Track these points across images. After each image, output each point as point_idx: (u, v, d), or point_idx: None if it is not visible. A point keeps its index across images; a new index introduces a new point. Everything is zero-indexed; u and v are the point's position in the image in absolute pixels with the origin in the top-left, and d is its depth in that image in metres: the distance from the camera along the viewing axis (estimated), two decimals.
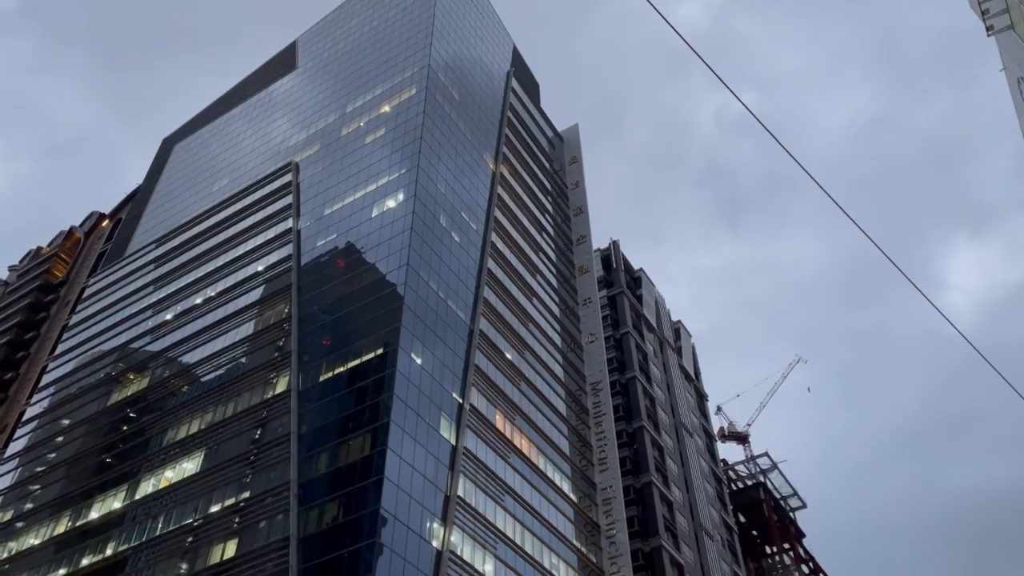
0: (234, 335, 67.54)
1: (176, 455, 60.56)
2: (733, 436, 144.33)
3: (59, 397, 79.09)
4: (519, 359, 70.31)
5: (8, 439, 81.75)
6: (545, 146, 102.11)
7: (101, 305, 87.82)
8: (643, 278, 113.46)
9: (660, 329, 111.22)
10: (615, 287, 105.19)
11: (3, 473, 75.02)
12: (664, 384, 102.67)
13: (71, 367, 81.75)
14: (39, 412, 79.25)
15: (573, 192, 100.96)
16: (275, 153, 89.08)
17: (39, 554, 62.30)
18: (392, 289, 59.42)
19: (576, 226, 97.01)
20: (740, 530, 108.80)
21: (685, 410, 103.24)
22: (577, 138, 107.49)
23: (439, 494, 51.99)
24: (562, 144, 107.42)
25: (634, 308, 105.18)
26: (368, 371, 54.92)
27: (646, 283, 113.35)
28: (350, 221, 69.02)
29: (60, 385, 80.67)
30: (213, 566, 50.14)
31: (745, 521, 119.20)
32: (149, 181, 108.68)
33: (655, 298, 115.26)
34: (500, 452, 60.58)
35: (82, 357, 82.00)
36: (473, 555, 52.09)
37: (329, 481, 50.03)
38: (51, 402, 79.37)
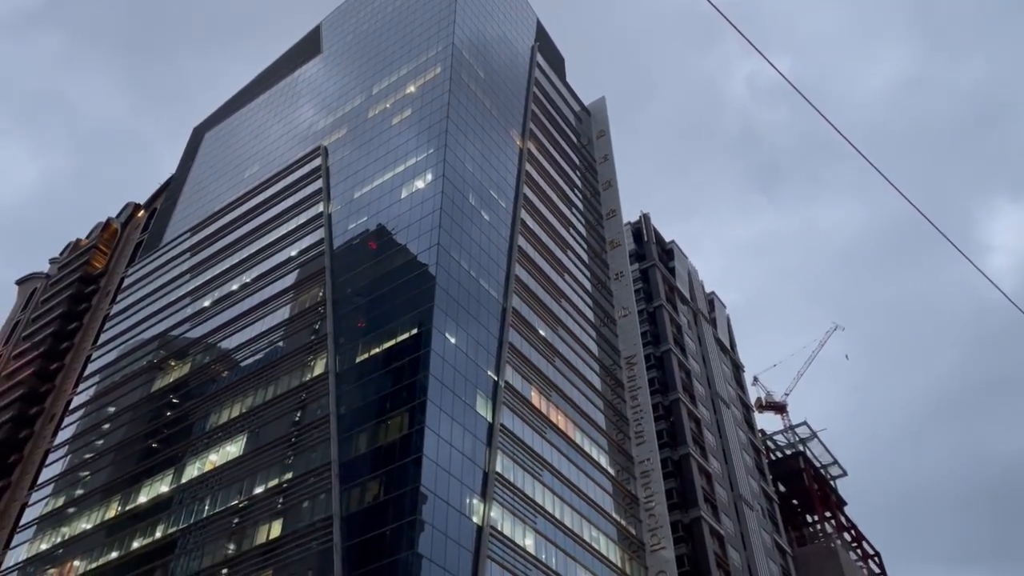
0: (271, 320, 68.47)
1: (219, 439, 61.80)
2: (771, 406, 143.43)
3: (104, 385, 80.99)
4: (552, 335, 70.41)
5: (57, 427, 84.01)
6: (572, 120, 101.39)
7: (140, 294, 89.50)
8: (675, 250, 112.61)
9: (694, 301, 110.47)
10: (647, 260, 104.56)
11: (54, 461, 77.23)
12: (699, 356, 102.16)
13: (114, 356, 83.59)
14: (85, 400, 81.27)
15: (602, 166, 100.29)
16: (304, 138, 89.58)
17: (91, 538, 64.17)
18: (424, 269, 59.72)
19: (606, 200, 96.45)
20: (780, 500, 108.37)
21: (721, 381, 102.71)
22: (604, 111, 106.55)
23: (477, 470, 52.48)
24: (589, 118, 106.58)
25: (667, 281, 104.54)
26: (403, 351, 55.41)
27: (678, 255, 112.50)
28: (380, 203, 69.33)
29: (104, 374, 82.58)
30: (260, 546, 51.26)
31: (785, 491, 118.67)
32: (181, 170, 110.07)
33: (688, 270, 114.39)
34: (536, 428, 60.90)
35: (124, 346, 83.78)
36: (513, 530, 52.60)
37: (369, 460, 50.74)
38: (96, 390, 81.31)
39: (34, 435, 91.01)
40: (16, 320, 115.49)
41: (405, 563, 44.11)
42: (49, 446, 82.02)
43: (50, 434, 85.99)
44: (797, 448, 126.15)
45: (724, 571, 75.81)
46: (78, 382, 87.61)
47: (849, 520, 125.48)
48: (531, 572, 52.08)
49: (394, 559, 44.54)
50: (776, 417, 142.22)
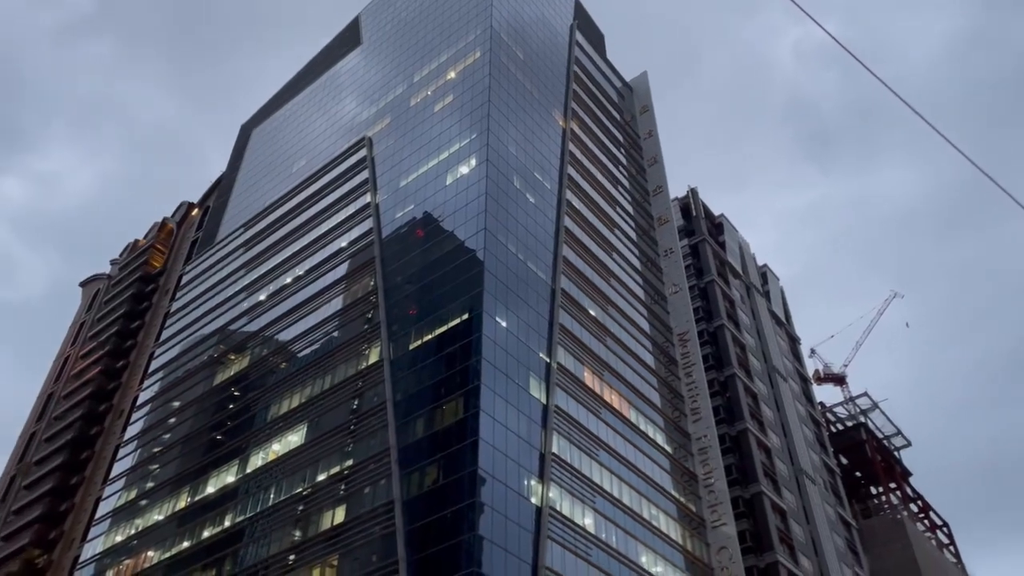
0: (325, 311, 69.60)
1: (281, 429, 63.22)
2: (829, 378, 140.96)
3: (168, 381, 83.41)
4: (603, 315, 70.15)
5: (125, 423, 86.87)
6: (614, 97, 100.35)
7: (198, 291, 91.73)
8: (725, 224, 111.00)
9: (746, 275, 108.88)
10: (696, 235, 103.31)
11: (124, 455, 79.95)
12: (754, 330, 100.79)
13: (176, 352, 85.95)
14: (151, 396, 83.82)
15: (646, 142, 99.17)
16: (348, 130, 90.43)
17: (163, 529, 66.38)
18: (472, 255, 59.96)
19: (652, 176, 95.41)
20: (843, 472, 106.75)
21: (777, 355, 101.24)
22: (647, 86, 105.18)
23: (534, 452, 52.75)
24: (631, 94, 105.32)
25: (717, 255, 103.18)
26: (455, 337, 55.83)
27: (728, 229, 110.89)
28: (426, 191, 69.72)
29: (168, 369, 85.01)
30: (325, 531, 52.43)
31: (847, 463, 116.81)
32: (231, 168, 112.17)
33: (739, 243, 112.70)
34: (591, 408, 60.89)
35: (185, 342, 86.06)
36: (572, 510, 52.82)
37: (427, 445, 51.40)
38: (161, 386, 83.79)
39: (104, 431, 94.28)
40: (82, 321, 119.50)
41: (467, 545, 44.68)
42: (119, 441, 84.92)
43: (119, 430, 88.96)
44: (858, 419, 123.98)
45: (787, 546, 75.07)
46: (143, 379, 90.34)
47: (915, 491, 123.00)
48: (592, 551, 52.29)
49: (456, 541, 45.15)
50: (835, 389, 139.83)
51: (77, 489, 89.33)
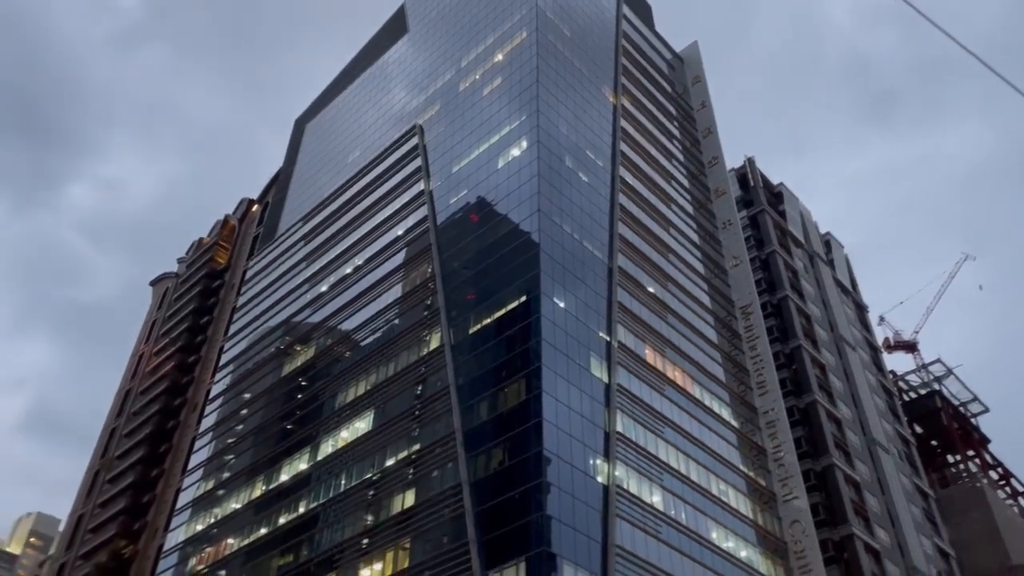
0: (385, 299, 70.54)
1: (348, 416, 64.49)
2: (900, 345, 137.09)
3: (238, 373, 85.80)
4: (662, 291, 69.44)
5: (200, 416, 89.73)
6: (665, 70, 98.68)
7: (263, 285, 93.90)
8: (784, 192, 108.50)
9: (808, 243, 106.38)
10: (755, 206, 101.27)
11: (200, 447, 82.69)
12: (819, 300, 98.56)
13: (244, 345, 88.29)
14: (223, 389, 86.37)
15: (699, 113, 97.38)
16: (399, 119, 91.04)
17: (241, 517, 68.55)
18: (527, 237, 59.92)
19: (707, 148, 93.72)
20: (918, 441, 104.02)
21: (844, 324, 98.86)
22: (698, 57, 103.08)
23: (598, 431, 52.71)
24: (682, 65, 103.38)
25: (778, 225, 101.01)
26: (514, 319, 55.99)
27: (788, 197, 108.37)
28: (478, 175, 69.85)
29: (238, 362, 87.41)
30: (396, 515, 53.43)
31: (922, 432, 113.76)
32: (288, 163, 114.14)
33: (799, 212, 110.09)
34: (654, 385, 60.48)
35: (253, 335, 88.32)
36: (640, 487, 52.69)
37: (491, 428, 51.82)
38: (232, 379, 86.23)
39: (180, 424, 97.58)
40: (154, 319, 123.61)
41: (536, 525, 45.00)
42: (195, 434, 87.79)
43: (194, 422, 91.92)
44: (932, 387, 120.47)
45: (863, 518, 73.60)
46: (215, 372, 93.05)
47: (995, 458, 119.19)
48: (661, 528, 52.13)
49: (525, 521, 45.52)
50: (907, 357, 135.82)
51: (157, 481, 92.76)
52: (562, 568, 44.03)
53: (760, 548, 60.17)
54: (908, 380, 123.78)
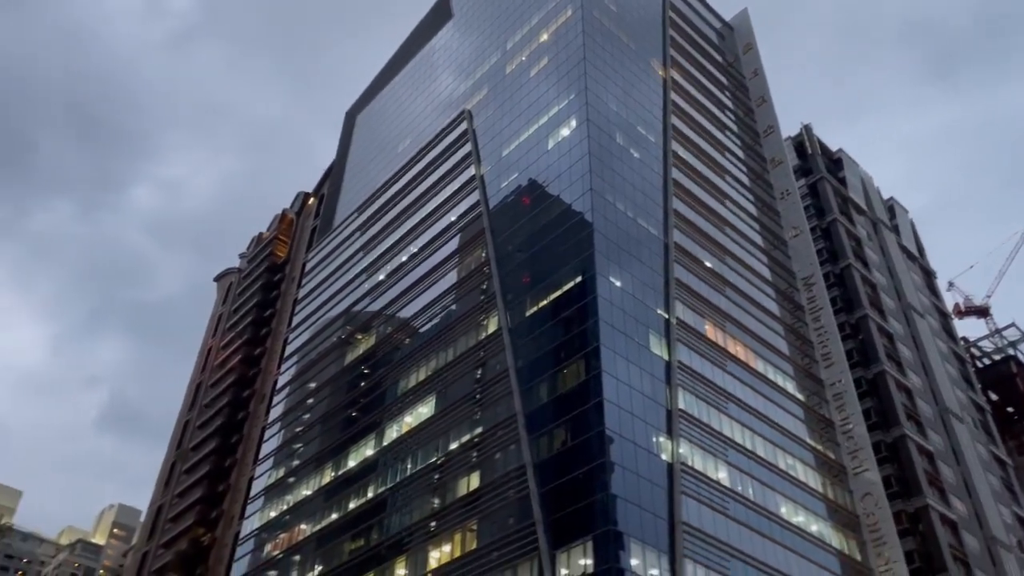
0: (441, 285, 71.11)
1: (411, 402, 65.40)
2: (971, 311, 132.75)
3: (302, 364, 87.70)
4: (720, 265, 68.41)
5: (268, 406, 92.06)
6: (714, 39, 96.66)
7: (322, 276, 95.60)
8: (844, 159, 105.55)
9: (871, 210, 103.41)
10: (813, 174, 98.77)
11: (270, 437, 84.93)
12: (884, 267, 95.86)
13: (307, 336, 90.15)
14: (288, 379, 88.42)
15: (752, 82, 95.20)
16: (447, 105, 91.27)
17: (312, 503, 70.27)
18: (580, 217, 59.60)
19: (761, 117, 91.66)
20: (993, 408, 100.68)
21: (911, 291, 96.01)
22: (748, 24, 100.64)
23: (660, 409, 52.38)
24: (732, 34, 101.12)
25: (838, 192, 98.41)
26: (570, 300, 55.87)
27: (848, 163, 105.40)
28: (528, 157, 69.65)
29: (301, 353, 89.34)
30: (462, 498, 54.09)
31: (997, 399, 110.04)
32: (340, 155, 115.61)
33: (860, 178, 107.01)
34: (715, 361, 59.76)
35: (315, 326, 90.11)
36: (704, 464, 52.26)
37: (552, 409, 51.95)
38: (297, 369, 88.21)
39: (250, 415, 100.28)
40: (219, 314, 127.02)
41: (601, 504, 45.05)
42: (264, 423, 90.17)
43: (263, 413, 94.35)
44: (1006, 352, 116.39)
45: (937, 489, 71.72)
46: (280, 363, 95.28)
47: None
48: (728, 504, 51.67)
49: (590, 501, 45.61)
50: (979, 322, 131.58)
51: (231, 470, 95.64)
52: (629, 546, 44.06)
53: (831, 522, 59.18)
54: (981, 346, 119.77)
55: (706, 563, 47.22)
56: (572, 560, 44.71)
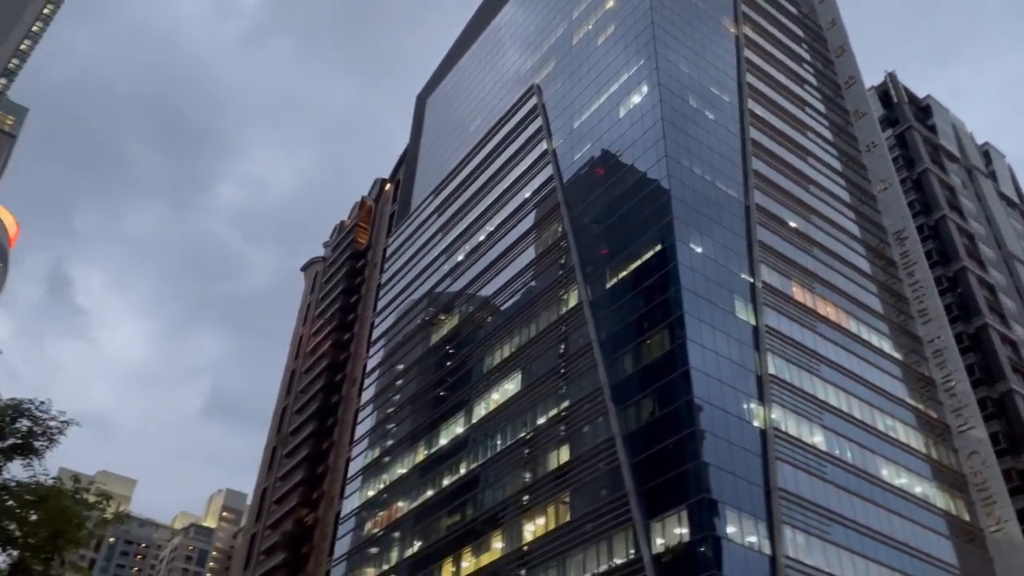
0: (520, 262, 71.34)
1: (497, 379, 66.11)
2: None
3: (390, 347, 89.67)
4: (806, 225, 66.37)
5: (360, 389, 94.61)
6: None
7: (402, 260, 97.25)
8: (933, 105, 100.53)
9: (965, 157, 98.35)
10: (900, 123, 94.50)
11: (363, 419, 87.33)
12: (982, 216, 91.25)
13: (393, 319, 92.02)
14: (377, 363, 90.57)
15: (830, 32, 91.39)
16: (516, 81, 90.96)
17: (408, 481, 72.08)
18: (656, 184, 58.69)
19: (841, 68, 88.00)
20: None
21: (1013, 239, 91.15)
22: None
23: (749, 375, 51.43)
24: None
25: (928, 141, 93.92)
26: (651, 270, 55.24)
27: (938, 110, 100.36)
28: (600, 128, 68.87)
29: (388, 336, 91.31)
30: (553, 471, 54.54)
31: None
32: (413, 139, 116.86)
33: (952, 124, 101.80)
34: (805, 323, 58.21)
35: (399, 309, 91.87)
36: (799, 429, 51.15)
37: (638, 380, 51.66)
38: (385, 352, 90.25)
39: (343, 399, 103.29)
40: (308, 302, 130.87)
41: (694, 472, 44.72)
42: (357, 406, 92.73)
43: (355, 396, 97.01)
44: None
45: None
46: (368, 347, 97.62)
47: None
48: (826, 468, 50.52)
49: (682, 470, 45.32)
50: None
51: (329, 453, 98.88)
52: (725, 514, 43.64)
53: (936, 482, 57.19)
54: None
55: (805, 528, 46.40)
56: (667, 529, 44.62)
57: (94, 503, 27.42)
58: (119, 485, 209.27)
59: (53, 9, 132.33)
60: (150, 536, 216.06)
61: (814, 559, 45.80)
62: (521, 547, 53.90)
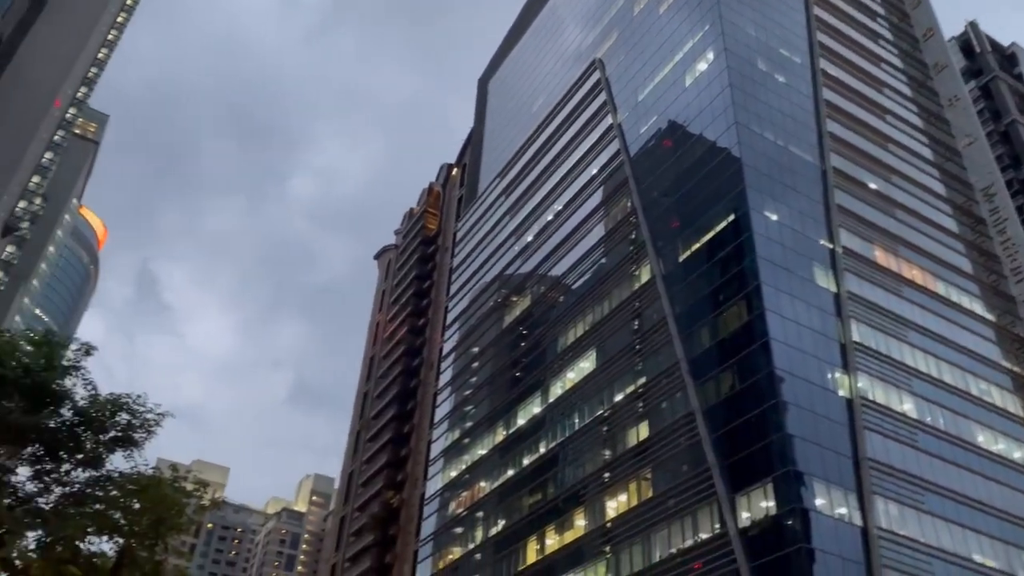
0: (589, 239, 70.87)
1: (572, 358, 66.04)
2: None
3: (464, 330, 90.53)
4: (886, 186, 63.94)
5: (437, 373, 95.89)
6: None
7: (472, 244, 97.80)
8: (1019, 53, 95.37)
9: None
10: (984, 74, 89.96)
11: (442, 402, 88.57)
12: None
13: (466, 303, 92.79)
14: (453, 346, 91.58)
15: None
16: (577, 57, 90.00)
17: (488, 462, 72.87)
18: (727, 153, 57.35)
19: (917, 20, 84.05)
20: None
21: None
22: None
23: (832, 344, 50.04)
24: None
25: (1015, 90, 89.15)
26: (724, 241, 54.14)
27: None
28: (666, 98, 67.61)
29: (462, 320, 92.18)
30: (632, 448, 54.32)
31: None
32: (477, 122, 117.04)
33: None
34: (889, 288, 56.23)
35: (471, 292, 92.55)
36: (887, 397, 49.59)
37: (716, 353, 50.85)
38: (459, 335, 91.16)
39: (421, 383, 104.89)
40: (383, 290, 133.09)
41: (778, 445, 43.88)
42: (435, 389, 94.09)
43: (433, 379, 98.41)
44: None
45: None
46: (443, 331, 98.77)
47: None
48: (917, 436, 48.92)
49: (766, 443, 44.50)
50: None
51: (410, 436, 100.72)
52: (812, 485, 42.72)
53: None
54: None
55: (897, 498, 45.08)
56: (753, 503, 43.96)
57: (192, 491, 28.47)
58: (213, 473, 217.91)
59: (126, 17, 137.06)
60: (245, 521, 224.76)
61: (908, 529, 44.52)
62: (604, 524, 53.96)
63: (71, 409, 26.90)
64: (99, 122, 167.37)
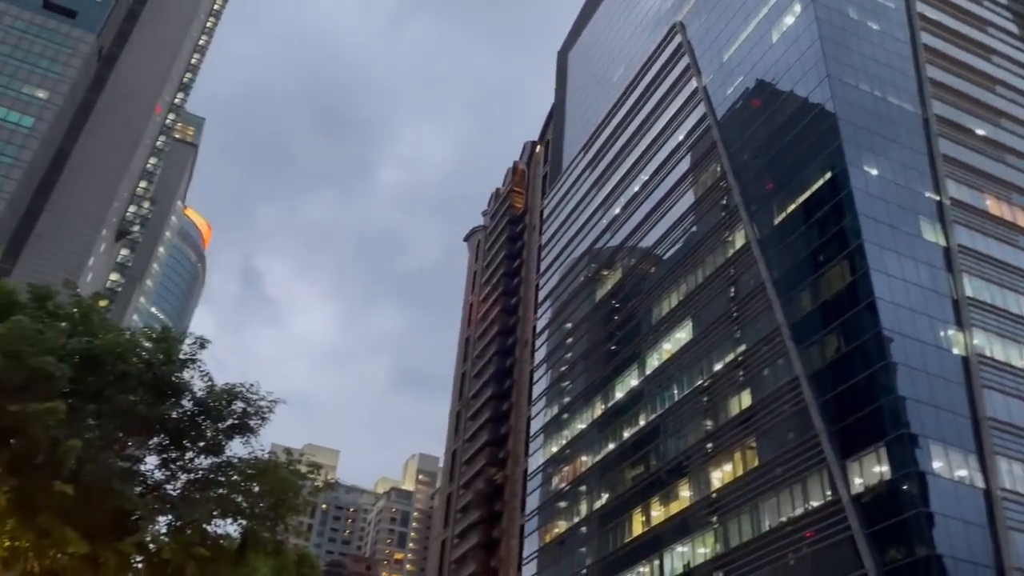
0: (679, 208, 69.59)
1: (667, 329, 65.25)
2: None
3: (556, 306, 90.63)
4: (996, 131, 60.19)
5: (532, 351, 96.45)
6: None
7: (560, 220, 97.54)
8: None
9: None
10: None
11: (539, 378, 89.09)
12: None
13: (556, 279, 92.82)
14: (546, 323, 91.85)
15: None
16: (656, 22, 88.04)
17: (588, 436, 73.02)
18: (820, 108, 55.12)
19: None
20: None
21: None
22: None
23: (944, 300, 47.73)
24: None
25: None
26: (822, 200, 52.21)
27: None
28: (752, 57, 65.43)
29: (554, 296, 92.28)
30: (735, 417, 53.38)
31: None
32: (558, 97, 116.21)
33: None
34: (1004, 238, 53.15)
35: (561, 268, 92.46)
36: (1007, 353, 47.03)
37: (819, 316, 49.29)
38: (552, 312, 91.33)
39: (516, 361, 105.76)
40: (474, 271, 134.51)
41: (890, 407, 42.32)
42: (531, 367, 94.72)
43: (528, 357, 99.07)
44: None
45: None
46: (536, 309, 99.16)
47: None
48: None
49: (876, 406, 42.98)
50: None
51: (509, 414, 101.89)
52: (929, 448, 41.06)
53: None
54: None
55: (1021, 458, 42.82)
56: (865, 468, 42.60)
57: (306, 473, 29.72)
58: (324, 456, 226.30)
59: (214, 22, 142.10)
60: (357, 501, 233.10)
61: None
62: (710, 494, 53.36)
63: (191, 400, 28.43)
64: (196, 125, 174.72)
